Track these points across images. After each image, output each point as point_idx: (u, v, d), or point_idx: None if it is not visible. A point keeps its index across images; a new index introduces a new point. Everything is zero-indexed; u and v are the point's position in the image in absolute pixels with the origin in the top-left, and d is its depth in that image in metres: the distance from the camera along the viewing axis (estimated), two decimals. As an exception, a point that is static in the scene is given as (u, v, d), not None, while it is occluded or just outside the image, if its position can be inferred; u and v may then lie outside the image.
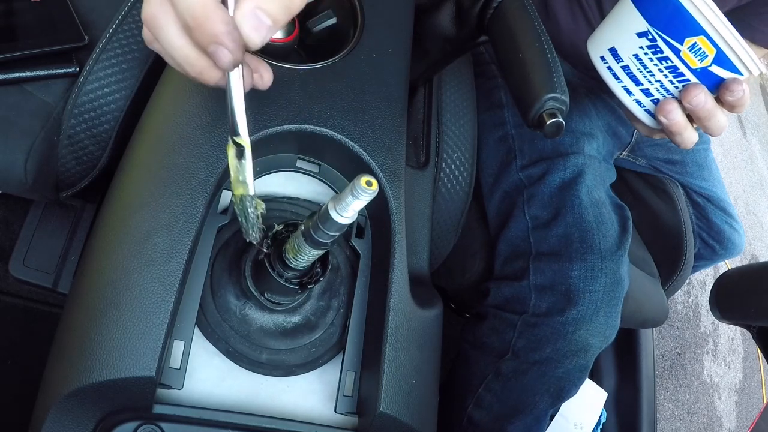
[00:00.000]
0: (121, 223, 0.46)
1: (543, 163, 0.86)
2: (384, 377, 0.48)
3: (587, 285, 0.78)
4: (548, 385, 0.81)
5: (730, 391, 2.44)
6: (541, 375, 0.81)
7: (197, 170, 0.48)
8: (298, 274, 0.47)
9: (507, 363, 0.83)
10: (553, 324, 0.79)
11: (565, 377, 0.81)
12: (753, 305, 0.80)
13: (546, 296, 0.80)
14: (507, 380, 0.83)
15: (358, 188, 0.36)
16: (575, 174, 0.84)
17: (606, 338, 0.80)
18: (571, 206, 0.82)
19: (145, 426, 0.42)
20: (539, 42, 0.54)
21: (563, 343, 0.78)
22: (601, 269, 0.78)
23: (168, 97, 0.53)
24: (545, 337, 0.79)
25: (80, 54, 0.64)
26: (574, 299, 0.77)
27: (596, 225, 0.81)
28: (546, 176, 0.85)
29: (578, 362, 0.80)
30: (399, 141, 0.58)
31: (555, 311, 0.79)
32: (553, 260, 0.81)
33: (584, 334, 0.78)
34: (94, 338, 0.42)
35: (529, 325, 0.80)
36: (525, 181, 0.87)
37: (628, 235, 0.83)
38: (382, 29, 0.62)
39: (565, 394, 0.83)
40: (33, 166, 0.62)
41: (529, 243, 0.84)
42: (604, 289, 0.78)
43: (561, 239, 0.81)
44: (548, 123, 0.51)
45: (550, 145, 0.87)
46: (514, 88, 0.55)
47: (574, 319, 0.77)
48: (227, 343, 0.49)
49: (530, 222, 0.84)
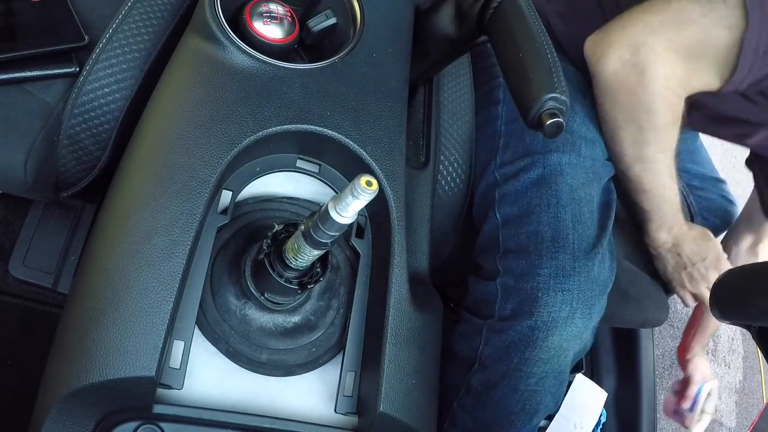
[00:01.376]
0: (121, 223, 0.46)
1: (525, 159, 0.81)
2: (384, 377, 0.48)
3: (559, 283, 0.71)
4: (522, 401, 0.74)
5: (730, 391, 2.44)
6: (512, 390, 0.74)
7: (197, 170, 0.48)
8: (298, 274, 0.47)
9: (476, 375, 0.76)
10: (520, 329, 0.72)
11: (540, 390, 0.74)
12: (753, 305, 0.80)
13: (511, 297, 0.73)
14: (478, 396, 0.76)
15: (358, 188, 0.36)
16: (555, 171, 0.79)
17: (584, 343, 0.75)
18: (547, 204, 0.77)
19: (145, 426, 0.42)
20: (539, 42, 0.54)
21: (532, 351, 0.71)
22: (573, 268, 0.72)
23: (168, 97, 0.53)
24: (512, 344, 0.72)
25: (80, 54, 0.64)
26: (543, 299, 0.71)
27: (572, 224, 0.76)
28: (521, 173, 0.80)
29: (552, 369, 0.73)
30: (399, 141, 0.58)
31: (521, 314, 0.72)
32: (520, 258, 0.75)
33: (558, 340, 0.71)
34: (94, 338, 0.42)
35: (495, 331, 0.74)
36: (499, 180, 0.82)
37: (605, 233, 0.78)
38: (382, 29, 0.62)
39: (543, 409, 0.76)
40: (33, 166, 0.62)
41: (498, 242, 0.78)
42: (579, 287, 0.72)
43: (531, 237, 0.76)
44: (548, 123, 0.51)
45: (539, 140, 0.83)
46: (514, 88, 0.55)
47: (545, 323, 0.71)
48: (227, 343, 0.49)
49: (500, 220, 0.80)
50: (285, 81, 0.54)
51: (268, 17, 0.57)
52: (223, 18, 0.55)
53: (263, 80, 0.54)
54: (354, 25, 0.62)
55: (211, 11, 0.55)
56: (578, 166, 0.80)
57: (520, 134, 0.83)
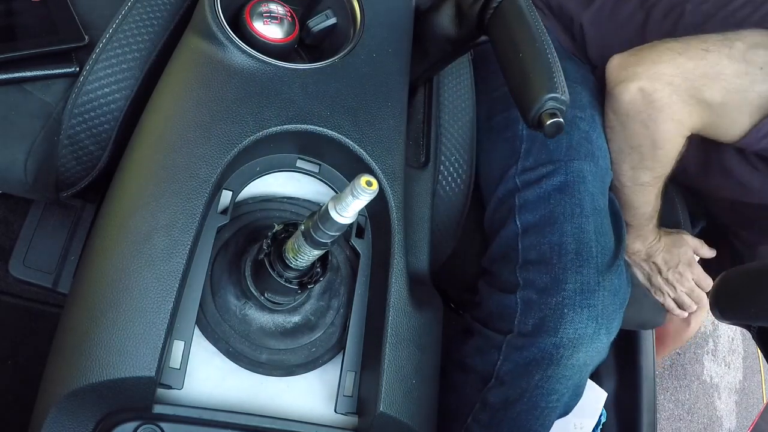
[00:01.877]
0: (121, 223, 0.46)
1: (548, 165, 0.80)
2: (384, 377, 0.48)
3: (585, 299, 0.69)
4: (542, 417, 0.73)
5: (730, 391, 2.44)
6: (532, 407, 0.72)
7: (197, 170, 0.48)
8: (298, 274, 0.47)
9: (493, 392, 0.74)
10: (542, 346, 0.69)
11: (559, 406, 0.73)
12: (753, 305, 0.80)
13: (533, 312, 0.70)
14: (495, 411, 0.74)
15: (358, 188, 0.36)
16: (578, 179, 0.78)
17: (602, 356, 0.73)
18: (570, 214, 0.75)
19: (145, 426, 0.42)
20: (539, 42, 0.54)
21: (556, 369, 0.69)
22: (598, 282, 0.70)
23: (168, 97, 0.53)
24: (534, 361, 0.69)
25: (80, 54, 0.64)
26: (569, 315, 0.68)
27: (595, 236, 0.74)
28: (543, 180, 0.79)
29: (573, 385, 0.72)
30: (399, 141, 0.58)
31: (545, 330, 0.69)
32: (543, 270, 0.72)
33: (583, 357, 0.69)
34: (94, 338, 0.42)
35: (515, 348, 0.71)
36: (520, 185, 0.80)
37: (623, 244, 0.78)
38: (382, 29, 0.62)
39: (558, 418, 0.76)
40: (33, 166, 0.62)
41: (516, 250, 0.76)
42: (603, 303, 0.70)
43: (554, 248, 0.73)
44: (548, 123, 0.51)
45: (563, 147, 0.81)
46: (514, 88, 0.55)
47: (570, 341, 0.68)
48: (227, 343, 0.49)
49: (520, 227, 0.77)
50: (285, 81, 0.54)
51: (268, 17, 0.57)
52: (223, 18, 0.55)
53: (263, 80, 0.54)
54: (354, 25, 0.62)
55: (211, 11, 0.55)
56: (596, 175, 0.80)
57: (543, 140, 0.81)
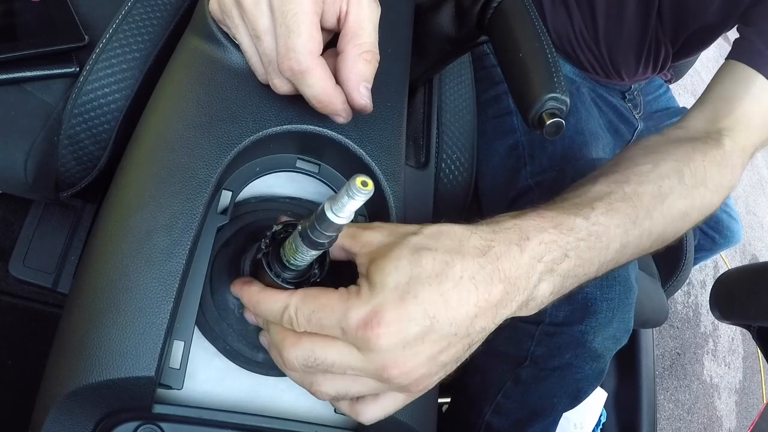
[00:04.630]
0: (121, 223, 0.46)
1: (555, 169, 0.85)
2: (384, 377, 0.48)
3: (604, 294, 0.78)
4: (567, 387, 0.83)
5: (730, 391, 2.44)
6: (560, 379, 0.82)
7: (197, 170, 0.48)
8: (295, 274, 0.46)
9: (526, 370, 0.83)
10: (572, 333, 0.79)
11: (583, 380, 0.82)
12: (753, 305, 0.80)
13: (562, 306, 0.80)
14: (527, 386, 0.84)
15: (353, 188, 0.36)
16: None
17: (619, 342, 0.82)
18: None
19: (145, 426, 0.42)
20: (539, 42, 0.54)
21: (582, 350, 0.79)
22: (614, 278, 0.78)
23: (168, 97, 0.53)
24: (565, 345, 0.80)
25: (80, 54, 0.64)
26: (592, 308, 0.78)
27: None
28: (557, 178, 0.84)
29: (596, 366, 0.81)
30: (399, 141, 0.58)
31: (573, 320, 0.79)
32: None
33: (601, 339, 0.79)
34: (93, 338, 0.42)
35: (548, 335, 0.81)
36: (535, 188, 0.86)
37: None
38: (382, 29, 0.62)
39: (582, 395, 0.85)
40: (33, 166, 0.62)
41: None
42: (619, 296, 0.78)
43: None
44: (548, 123, 0.51)
45: (560, 149, 0.86)
46: (514, 89, 0.55)
47: (593, 328, 0.78)
48: (227, 343, 0.49)
49: None
50: (285, 81, 0.54)
51: (268, 17, 0.57)
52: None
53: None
54: (354, 25, 0.62)
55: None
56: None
57: (541, 144, 0.88)
